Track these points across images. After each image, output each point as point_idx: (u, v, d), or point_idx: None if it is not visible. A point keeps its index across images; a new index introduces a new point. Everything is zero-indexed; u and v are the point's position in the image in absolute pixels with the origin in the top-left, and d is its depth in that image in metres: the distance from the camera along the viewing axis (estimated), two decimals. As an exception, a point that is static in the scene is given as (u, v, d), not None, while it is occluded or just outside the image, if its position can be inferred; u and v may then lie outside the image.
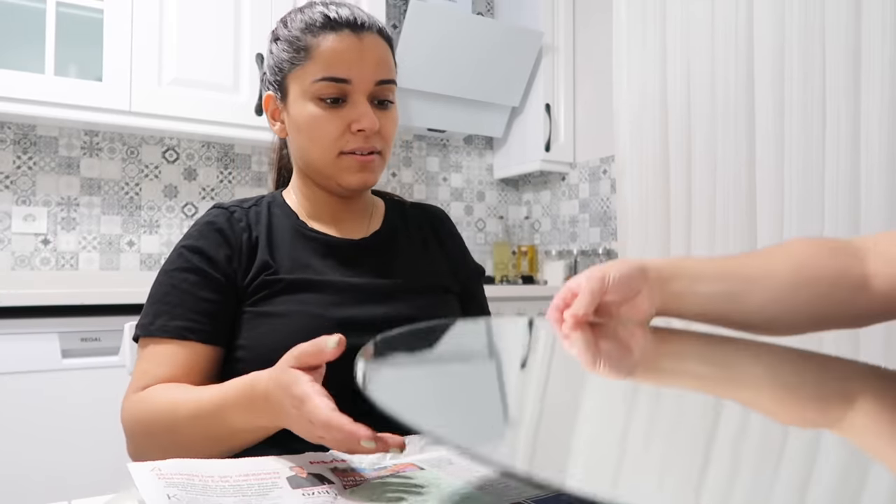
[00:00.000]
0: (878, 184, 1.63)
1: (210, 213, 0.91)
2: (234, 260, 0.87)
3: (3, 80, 1.89)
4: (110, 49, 2.04)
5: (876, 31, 1.63)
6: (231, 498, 0.47)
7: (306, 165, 0.93)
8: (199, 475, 0.51)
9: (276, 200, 0.96)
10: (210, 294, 0.84)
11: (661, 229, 2.25)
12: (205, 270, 0.85)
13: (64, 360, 1.71)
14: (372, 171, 0.90)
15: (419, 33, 2.54)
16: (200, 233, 0.88)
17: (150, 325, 0.83)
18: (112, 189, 2.34)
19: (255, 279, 0.86)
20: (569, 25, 2.89)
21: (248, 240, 0.89)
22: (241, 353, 0.84)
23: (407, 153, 2.98)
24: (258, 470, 0.53)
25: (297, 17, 0.91)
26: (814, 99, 1.79)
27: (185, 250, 0.87)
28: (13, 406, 1.64)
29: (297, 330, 0.82)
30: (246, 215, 0.92)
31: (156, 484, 0.48)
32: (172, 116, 2.14)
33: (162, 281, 0.86)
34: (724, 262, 0.72)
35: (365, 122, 0.86)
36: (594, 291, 0.65)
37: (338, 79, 0.86)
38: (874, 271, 0.71)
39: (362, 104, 0.87)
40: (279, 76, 0.92)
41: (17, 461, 1.63)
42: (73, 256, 2.27)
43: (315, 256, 0.90)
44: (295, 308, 0.84)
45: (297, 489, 0.50)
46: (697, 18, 2.12)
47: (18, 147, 2.19)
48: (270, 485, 0.50)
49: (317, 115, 0.87)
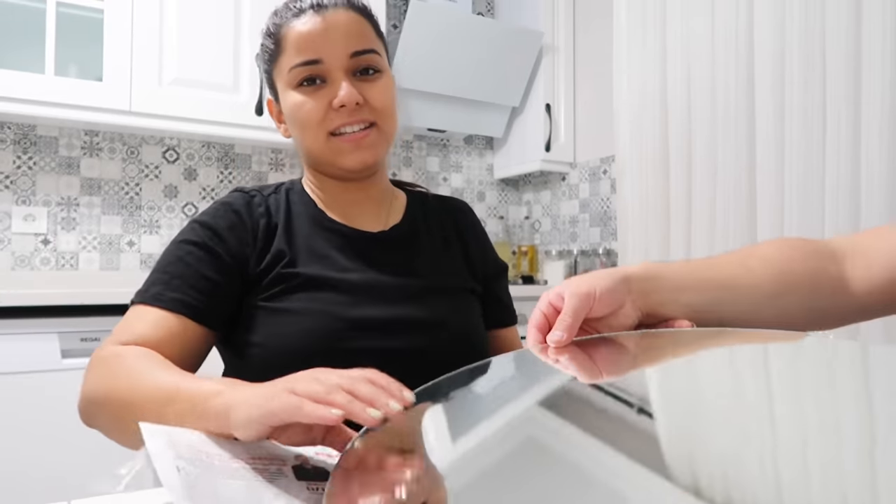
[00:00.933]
0: (878, 187, 1.63)
1: (230, 195, 0.91)
2: (248, 244, 0.85)
3: (3, 80, 1.89)
4: (110, 49, 2.04)
5: (876, 35, 1.64)
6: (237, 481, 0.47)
7: (308, 156, 0.92)
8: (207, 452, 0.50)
9: (294, 188, 0.95)
10: (212, 273, 0.82)
11: (661, 229, 2.26)
12: (212, 248, 0.83)
13: (64, 360, 1.71)
14: (368, 147, 0.87)
15: (419, 33, 2.54)
16: (216, 211, 0.87)
17: (145, 293, 0.81)
18: (112, 189, 2.34)
19: (270, 269, 0.85)
20: (569, 26, 2.89)
21: (267, 226, 0.87)
22: (256, 350, 0.82)
23: (407, 153, 2.98)
24: (265, 454, 0.53)
25: (272, 18, 0.91)
26: (814, 102, 1.79)
27: (198, 225, 0.86)
28: (13, 406, 1.64)
29: (312, 328, 0.81)
30: (266, 202, 0.90)
31: (167, 453, 0.48)
32: (172, 116, 2.14)
33: (169, 250, 0.85)
34: (706, 270, 0.70)
35: (342, 95, 0.84)
36: (577, 311, 0.61)
37: (308, 61, 0.85)
38: (852, 274, 0.71)
39: (339, 80, 0.86)
40: (269, 78, 0.92)
41: (16, 461, 1.63)
42: (73, 256, 2.27)
43: (333, 248, 0.89)
44: (311, 306, 0.82)
45: (303, 481, 0.50)
46: (698, 19, 2.12)
47: (18, 147, 2.19)
48: (276, 472, 0.50)
49: (299, 101, 0.86)
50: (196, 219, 0.87)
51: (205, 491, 0.45)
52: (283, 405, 0.49)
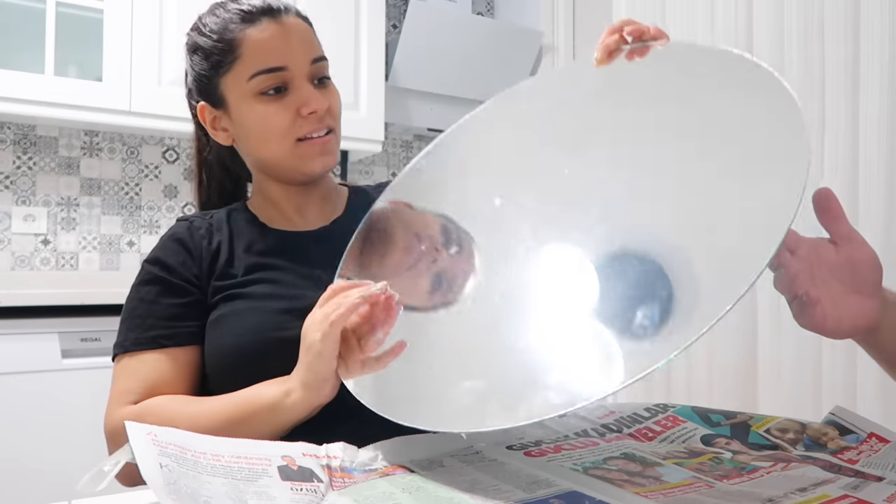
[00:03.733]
0: (876, 186, 1.63)
1: (172, 227, 0.92)
2: (195, 266, 0.86)
3: (3, 80, 1.89)
4: (110, 49, 2.04)
5: (875, 34, 1.63)
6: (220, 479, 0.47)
7: (263, 165, 0.91)
8: (192, 450, 0.50)
9: (238, 208, 0.96)
10: (176, 300, 0.84)
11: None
12: (165, 279, 0.85)
13: (64, 360, 1.71)
14: (331, 152, 0.89)
15: (419, 33, 2.54)
16: (163, 246, 0.89)
17: (124, 342, 0.82)
18: (112, 189, 2.34)
19: (217, 286, 0.85)
20: (569, 25, 2.89)
21: (209, 246, 0.88)
22: (207, 362, 0.84)
23: (407, 153, 2.98)
24: (250, 453, 0.53)
25: (209, 21, 0.89)
26: (813, 101, 1.78)
27: (147, 263, 0.87)
28: (13, 406, 1.64)
29: (245, 326, 0.81)
30: (207, 223, 0.91)
31: (150, 449, 0.48)
32: (172, 116, 2.13)
33: (130, 297, 0.86)
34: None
35: (314, 103, 0.84)
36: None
37: (273, 68, 0.84)
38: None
39: (305, 87, 0.85)
40: (208, 84, 0.89)
41: (16, 461, 1.63)
42: (73, 256, 2.27)
43: (272, 255, 0.89)
44: (241, 307, 0.83)
45: (287, 481, 0.50)
46: (696, 20, 2.12)
47: (18, 147, 2.20)
48: (260, 471, 0.50)
49: (263, 111, 0.85)
50: (146, 259, 0.88)
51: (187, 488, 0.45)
52: (324, 344, 0.67)
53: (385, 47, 2.50)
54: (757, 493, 0.53)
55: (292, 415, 0.70)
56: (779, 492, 0.53)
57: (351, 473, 0.58)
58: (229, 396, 0.75)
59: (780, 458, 0.63)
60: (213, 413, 0.73)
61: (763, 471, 0.59)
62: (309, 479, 0.52)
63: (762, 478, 0.57)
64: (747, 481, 0.57)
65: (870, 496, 0.52)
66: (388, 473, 0.58)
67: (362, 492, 0.53)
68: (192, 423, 0.72)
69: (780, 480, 0.56)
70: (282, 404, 0.70)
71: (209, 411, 0.74)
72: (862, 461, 0.63)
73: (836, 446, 0.66)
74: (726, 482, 0.56)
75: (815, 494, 0.52)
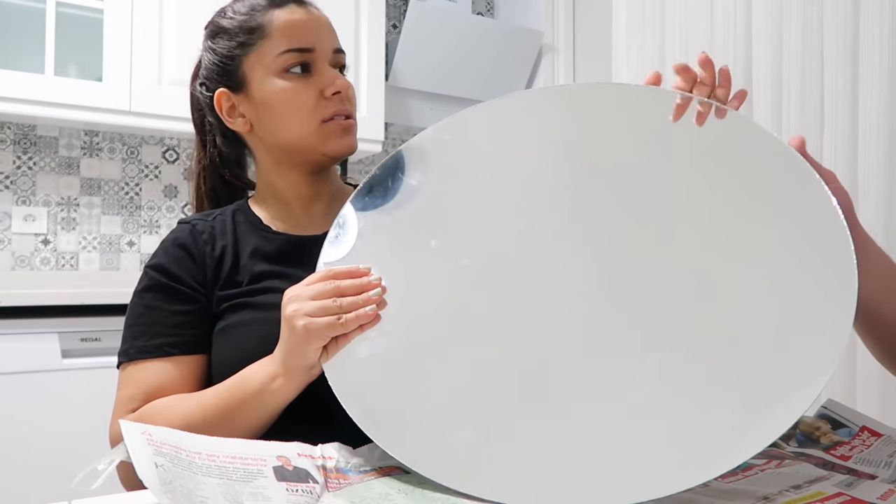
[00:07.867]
0: (875, 183, 1.63)
1: (174, 230, 0.91)
2: (199, 273, 0.86)
3: (3, 80, 1.90)
4: (110, 49, 2.04)
5: (874, 31, 1.63)
6: (215, 479, 0.47)
7: (283, 146, 0.89)
8: (187, 450, 0.51)
9: (241, 208, 0.95)
10: (181, 306, 0.83)
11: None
12: (169, 285, 0.84)
13: (64, 360, 1.71)
14: (353, 134, 0.90)
15: (419, 33, 2.54)
16: (165, 250, 0.88)
17: (129, 350, 0.82)
18: (112, 189, 2.34)
19: (223, 292, 0.85)
20: (569, 25, 2.89)
21: (212, 252, 0.87)
22: (212, 372, 0.84)
23: (407, 153, 2.98)
24: (245, 453, 0.53)
25: (236, 6, 0.91)
26: (812, 100, 1.78)
27: (150, 269, 0.87)
28: (13, 406, 1.65)
29: (250, 338, 0.81)
30: (210, 227, 0.90)
31: (146, 449, 0.48)
32: (172, 116, 2.14)
33: (134, 303, 0.86)
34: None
35: (339, 83, 0.86)
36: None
37: (302, 48, 0.86)
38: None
39: (329, 70, 0.87)
40: (230, 65, 0.89)
41: (16, 461, 1.63)
42: (73, 256, 2.27)
43: (278, 261, 0.88)
44: (248, 317, 0.83)
45: (282, 482, 0.50)
46: (696, 19, 2.12)
47: (18, 147, 2.20)
48: (256, 472, 0.50)
49: (289, 87, 0.85)
50: (147, 264, 0.88)
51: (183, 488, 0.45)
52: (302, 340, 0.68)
53: (385, 47, 2.50)
54: (752, 490, 0.54)
55: (281, 397, 0.72)
56: (773, 489, 0.53)
57: (346, 474, 0.58)
58: (218, 388, 0.76)
59: (774, 456, 0.63)
60: (206, 406, 0.74)
61: (757, 468, 0.59)
62: (304, 480, 0.52)
63: (756, 475, 0.58)
64: (742, 479, 0.57)
65: (863, 494, 0.52)
66: (383, 474, 0.59)
67: (358, 493, 0.53)
68: (188, 419, 0.73)
69: (774, 478, 0.57)
70: (268, 389, 0.71)
71: (202, 406, 0.75)
72: (855, 457, 0.63)
73: (828, 441, 0.67)
74: (721, 480, 0.56)
75: (809, 492, 0.53)
